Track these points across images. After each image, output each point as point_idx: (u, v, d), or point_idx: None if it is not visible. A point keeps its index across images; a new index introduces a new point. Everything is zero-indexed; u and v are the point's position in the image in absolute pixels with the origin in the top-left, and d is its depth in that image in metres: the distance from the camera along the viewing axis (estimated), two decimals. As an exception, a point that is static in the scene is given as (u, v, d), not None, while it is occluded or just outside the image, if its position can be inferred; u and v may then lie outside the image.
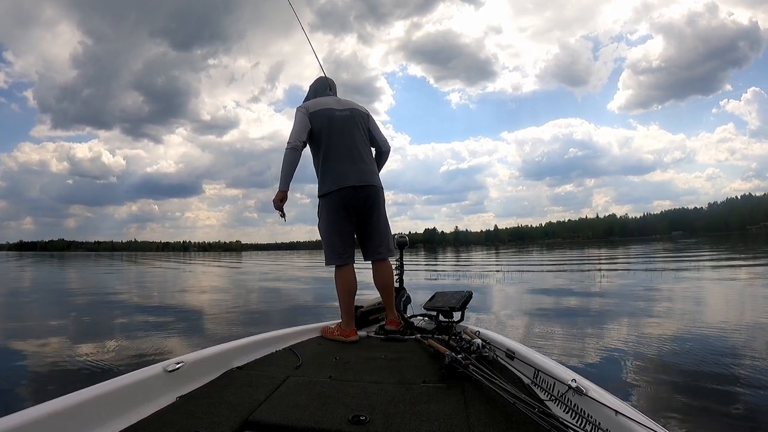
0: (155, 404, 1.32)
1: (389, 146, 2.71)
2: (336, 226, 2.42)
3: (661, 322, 4.72)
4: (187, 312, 6.54)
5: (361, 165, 2.44)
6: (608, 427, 1.07)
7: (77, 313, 6.58)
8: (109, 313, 6.45)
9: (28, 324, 5.61)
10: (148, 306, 7.29)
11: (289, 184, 2.42)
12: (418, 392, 1.46)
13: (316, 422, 1.22)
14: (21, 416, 1.03)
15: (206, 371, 1.60)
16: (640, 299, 6.56)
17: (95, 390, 1.22)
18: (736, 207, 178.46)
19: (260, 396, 1.41)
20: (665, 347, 3.60)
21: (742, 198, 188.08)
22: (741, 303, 6.09)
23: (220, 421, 1.21)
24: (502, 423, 1.20)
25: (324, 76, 2.77)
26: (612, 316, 5.32)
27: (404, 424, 1.21)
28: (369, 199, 2.44)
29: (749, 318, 4.85)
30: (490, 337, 2.02)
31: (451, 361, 1.56)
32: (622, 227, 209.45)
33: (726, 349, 3.48)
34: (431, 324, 2.51)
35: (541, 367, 1.50)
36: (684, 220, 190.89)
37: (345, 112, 2.51)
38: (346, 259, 2.43)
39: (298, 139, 2.40)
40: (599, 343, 3.80)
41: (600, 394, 1.20)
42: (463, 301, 2.40)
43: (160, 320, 5.67)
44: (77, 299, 8.68)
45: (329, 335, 2.37)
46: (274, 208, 2.45)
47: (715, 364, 3.07)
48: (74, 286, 12.18)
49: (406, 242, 2.98)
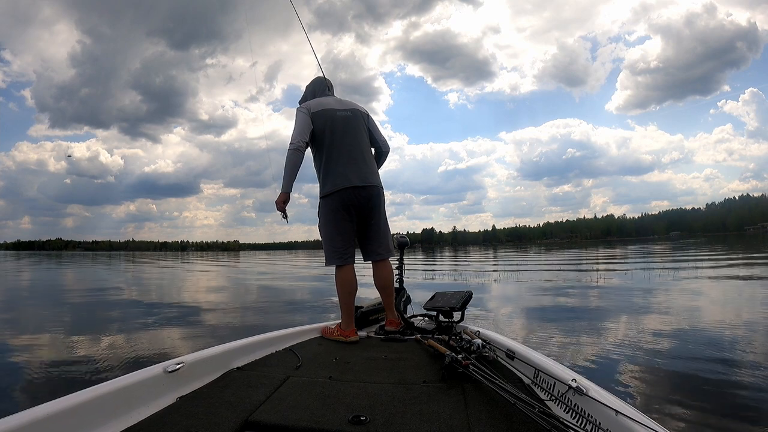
0: (155, 405, 1.32)
1: (389, 147, 2.72)
2: (337, 227, 2.42)
3: (659, 321, 4.73)
4: (185, 312, 6.52)
5: (363, 165, 2.44)
6: (608, 427, 1.07)
7: (76, 313, 6.57)
8: (108, 314, 6.44)
9: (26, 325, 5.60)
10: (147, 306, 7.27)
11: (292, 185, 2.42)
12: (418, 392, 1.46)
13: (316, 422, 1.22)
14: (21, 416, 1.03)
15: (206, 372, 1.60)
16: (637, 299, 6.58)
17: (95, 390, 1.22)
18: (733, 208, 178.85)
19: (260, 396, 1.41)
20: (663, 346, 3.61)
21: (740, 199, 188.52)
22: (738, 302, 6.11)
23: (221, 422, 1.21)
24: (503, 423, 1.20)
25: (322, 76, 2.77)
26: (609, 315, 5.34)
27: (404, 425, 1.21)
28: (370, 200, 2.44)
29: (747, 316, 4.87)
30: (490, 337, 2.03)
31: (451, 361, 1.56)
32: (619, 228, 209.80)
33: (724, 347, 3.49)
34: (431, 324, 2.51)
35: (542, 367, 1.51)
36: (682, 220, 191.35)
37: (346, 112, 2.52)
38: (347, 260, 2.43)
39: (301, 140, 2.39)
40: (597, 342, 3.80)
41: (600, 394, 1.20)
42: (463, 301, 2.40)
43: (158, 320, 5.66)
44: (75, 300, 8.66)
45: (329, 335, 2.37)
46: (276, 209, 2.45)
47: (714, 362, 3.07)
48: (72, 288, 12.14)
49: (406, 242, 2.98)
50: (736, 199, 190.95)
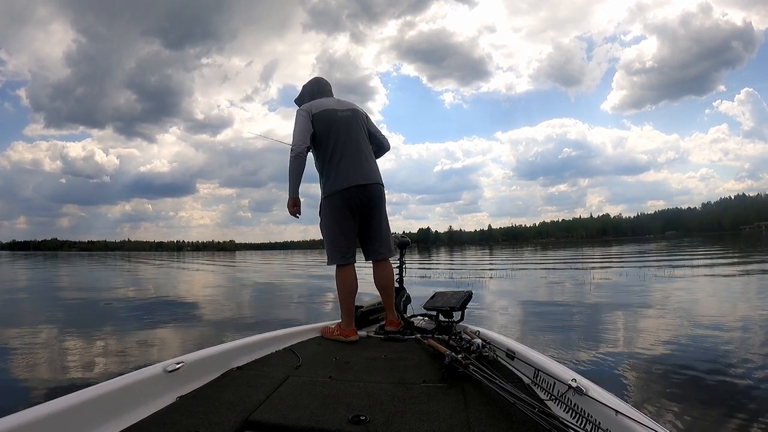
0: (155, 404, 1.32)
1: (389, 144, 2.74)
2: (340, 226, 2.43)
3: (658, 319, 4.75)
4: (185, 312, 6.50)
5: (366, 164, 2.46)
6: (608, 427, 1.08)
7: (74, 314, 6.53)
8: (106, 314, 6.41)
9: (24, 324, 5.57)
10: (145, 306, 7.25)
11: (298, 190, 2.45)
12: (418, 392, 1.46)
13: (316, 422, 1.22)
14: (21, 416, 1.03)
15: (206, 371, 1.60)
16: (633, 296, 6.62)
17: (95, 390, 1.22)
18: (729, 207, 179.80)
19: (260, 396, 1.41)
20: (662, 345, 3.62)
21: (736, 198, 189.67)
22: (733, 299, 6.15)
23: (221, 421, 1.21)
24: (503, 423, 1.21)
25: (319, 76, 2.78)
26: (609, 315, 5.36)
27: (404, 424, 1.21)
28: (373, 198, 2.45)
29: (742, 313, 4.91)
30: (490, 336, 2.03)
31: (451, 360, 1.56)
32: (615, 227, 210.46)
33: (723, 345, 3.51)
34: (431, 324, 2.51)
35: (541, 366, 1.51)
36: (677, 220, 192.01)
37: (347, 112, 2.53)
38: (349, 259, 2.44)
39: (302, 144, 2.40)
40: (597, 342, 3.81)
41: (600, 394, 1.20)
42: (463, 301, 2.41)
43: (157, 320, 5.64)
44: (72, 300, 8.62)
45: (329, 335, 2.37)
46: (289, 214, 2.48)
47: (714, 361, 3.09)
48: (70, 288, 12.08)
49: (407, 242, 2.99)
50: (731, 199, 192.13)
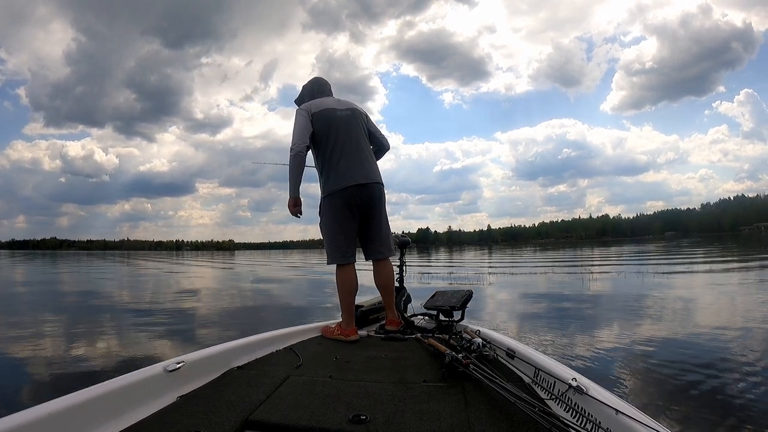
0: (156, 404, 1.32)
1: (389, 144, 2.74)
2: (341, 225, 2.43)
3: (656, 319, 4.76)
4: (184, 312, 6.50)
5: (366, 163, 2.46)
6: (609, 426, 1.08)
7: (72, 314, 6.53)
8: (104, 314, 6.41)
9: (23, 326, 5.56)
10: (144, 306, 7.24)
11: (298, 189, 2.45)
12: (418, 391, 1.46)
13: (316, 422, 1.22)
14: (21, 416, 1.03)
15: (206, 371, 1.60)
16: (632, 296, 6.62)
17: (95, 390, 1.22)
18: (728, 208, 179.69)
19: (260, 396, 1.41)
20: (660, 344, 3.63)
21: (735, 199, 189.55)
22: (731, 300, 6.16)
23: (221, 421, 1.21)
24: (503, 422, 1.21)
25: (319, 76, 2.78)
26: (608, 314, 5.37)
27: (405, 424, 1.21)
28: (373, 198, 2.46)
29: (742, 313, 4.92)
30: (490, 336, 2.03)
31: (451, 360, 1.56)
32: (615, 227, 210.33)
33: (722, 345, 3.52)
34: (431, 323, 2.52)
35: (542, 366, 1.52)
36: (677, 220, 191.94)
37: (347, 111, 2.53)
38: (349, 258, 2.44)
39: (302, 144, 2.40)
40: (596, 342, 3.82)
41: (600, 393, 1.20)
42: (463, 300, 2.41)
43: (156, 320, 5.64)
44: (71, 301, 8.61)
45: (329, 335, 2.37)
46: (291, 214, 2.48)
47: (713, 360, 3.10)
48: (69, 289, 12.07)
49: (407, 242, 2.99)
50: (731, 200, 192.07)
